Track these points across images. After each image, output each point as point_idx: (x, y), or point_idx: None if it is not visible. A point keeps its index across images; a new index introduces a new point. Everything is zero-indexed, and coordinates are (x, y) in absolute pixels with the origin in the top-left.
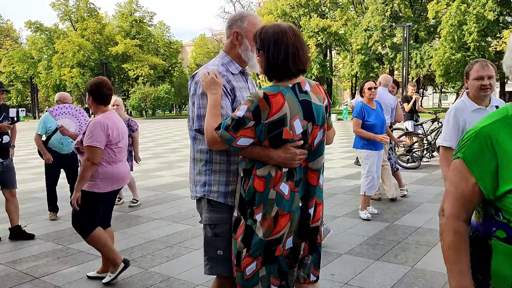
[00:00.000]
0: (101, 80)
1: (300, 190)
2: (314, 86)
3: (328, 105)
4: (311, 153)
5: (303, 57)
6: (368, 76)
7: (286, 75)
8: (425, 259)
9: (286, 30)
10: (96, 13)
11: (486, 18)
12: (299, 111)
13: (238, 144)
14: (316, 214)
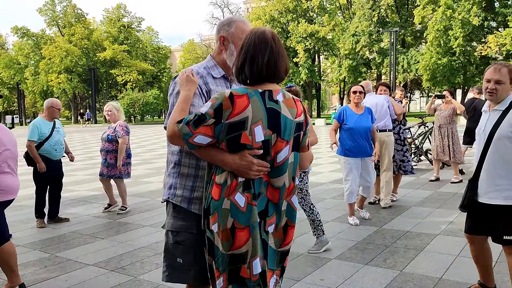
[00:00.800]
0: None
1: (259, 204)
2: (290, 99)
3: (305, 124)
4: (274, 169)
5: (280, 66)
6: (356, 81)
7: (258, 80)
8: (414, 263)
9: (268, 36)
10: (83, 18)
11: (471, 23)
12: (263, 118)
13: (195, 141)
14: (287, 238)
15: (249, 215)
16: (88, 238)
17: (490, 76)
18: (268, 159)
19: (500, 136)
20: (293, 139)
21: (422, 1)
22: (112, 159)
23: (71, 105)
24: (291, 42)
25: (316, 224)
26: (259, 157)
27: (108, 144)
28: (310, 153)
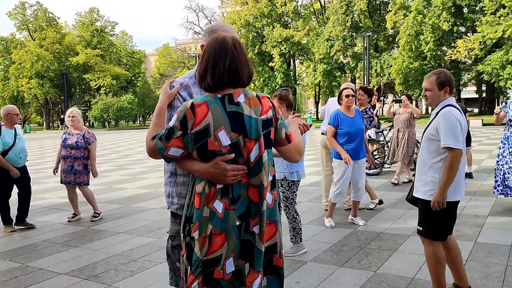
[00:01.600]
0: None
1: (238, 207)
2: (253, 98)
3: (274, 120)
4: (251, 169)
5: (242, 72)
6: (331, 85)
7: (220, 86)
8: (387, 264)
9: (229, 42)
10: (55, 22)
11: (441, 28)
12: (225, 122)
13: (170, 154)
14: (267, 234)
15: (226, 220)
16: (61, 247)
17: (423, 84)
18: (242, 160)
19: (425, 137)
20: (263, 137)
21: (394, 7)
22: (80, 166)
23: (42, 110)
24: (267, 47)
25: (296, 232)
26: (233, 161)
27: (76, 151)
28: (295, 145)
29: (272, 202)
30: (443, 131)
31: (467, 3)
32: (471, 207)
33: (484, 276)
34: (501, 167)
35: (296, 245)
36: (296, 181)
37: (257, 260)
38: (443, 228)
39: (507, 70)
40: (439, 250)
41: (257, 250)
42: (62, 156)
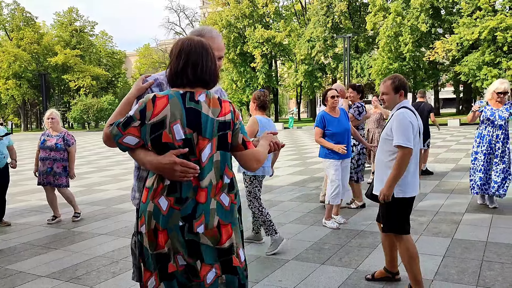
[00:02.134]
0: None
1: (184, 209)
2: (213, 99)
3: (232, 123)
4: (202, 170)
5: (205, 70)
6: (312, 86)
7: (181, 83)
8: (367, 261)
9: (193, 43)
10: (33, 22)
11: (419, 30)
12: (182, 117)
13: (124, 141)
14: (222, 236)
15: (169, 218)
16: (41, 249)
17: (380, 89)
18: (193, 159)
19: (381, 138)
20: (217, 138)
21: (374, 8)
22: (60, 168)
23: (20, 112)
24: (248, 48)
25: (267, 225)
26: (185, 158)
27: (55, 152)
28: (252, 153)
29: (228, 204)
30: (396, 131)
31: (444, 5)
32: (448, 205)
33: (460, 271)
34: (477, 168)
35: (273, 240)
36: (258, 176)
37: (206, 255)
38: (405, 221)
39: (483, 71)
40: (410, 245)
41: (204, 246)
42: (41, 158)
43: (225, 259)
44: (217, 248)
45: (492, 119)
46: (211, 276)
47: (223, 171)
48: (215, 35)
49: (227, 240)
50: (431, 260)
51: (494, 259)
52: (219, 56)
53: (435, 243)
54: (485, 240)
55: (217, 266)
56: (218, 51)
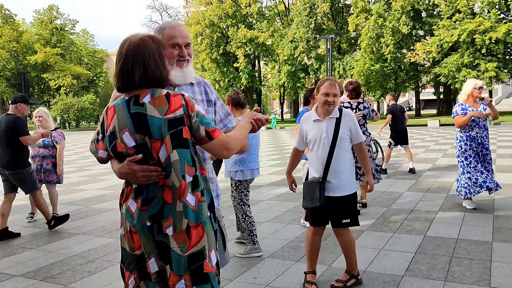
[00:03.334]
0: None
1: (150, 208)
2: (159, 97)
3: (186, 118)
4: (164, 169)
5: (154, 72)
6: (295, 86)
7: (127, 87)
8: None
9: (141, 44)
10: (12, 19)
11: (401, 32)
12: (128, 124)
13: (99, 155)
14: (192, 239)
15: (138, 220)
16: (16, 249)
17: (329, 90)
18: (152, 162)
19: (341, 139)
20: (169, 137)
21: (356, 10)
22: (49, 165)
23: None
24: (231, 48)
25: (247, 233)
26: (144, 162)
27: (44, 150)
28: (221, 142)
29: (195, 204)
30: (356, 130)
31: (425, 7)
32: (423, 203)
33: (430, 267)
34: (468, 170)
35: (249, 248)
36: (243, 180)
37: (175, 264)
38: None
39: (462, 73)
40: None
41: (174, 252)
42: (31, 156)
43: (196, 266)
44: (187, 256)
45: (477, 120)
46: (180, 287)
47: (184, 170)
48: (175, 24)
49: (198, 242)
50: (403, 257)
51: (463, 255)
52: (184, 43)
53: (407, 241)
54: (456, 237)
55: (186, 277)
56: (182, 38)
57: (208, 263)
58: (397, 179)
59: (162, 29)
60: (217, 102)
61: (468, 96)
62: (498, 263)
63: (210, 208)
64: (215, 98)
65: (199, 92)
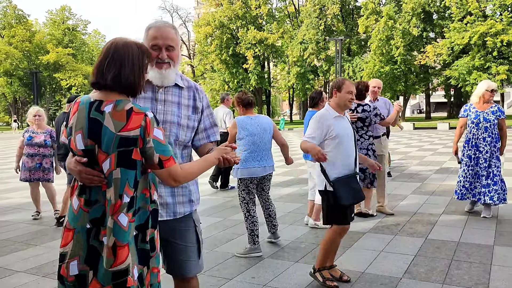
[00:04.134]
0: None
1: (93, 211)
2: (121, 111)
3: (141, 140)
4: (106, 179)
5: (126, 74)
6: (304, 88)
7: (99, 84)
8: (341, 259)
9: (122, 45)
10: (25, 20)
11: (411, 34)
12: (84, 127)
13: (62, 140)
14: (117, 258)
15: (77, 218)
16: (21, 245)
17: (352, 89)
18: (97, 169)
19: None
20: (116, 154)
21: (366, 12)
22: (48, 163)
23: (11, 110)
24: (241, 49)
25: (249, 232)
26: (90, 166)
27: (44, 149)
28: (170, 173)
29: (126, 225)
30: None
31: (436, 9)
32: (427, 206)
33: (429, 270)
34: (463, 172)
35: (248, 248)
36: (242, 178)
37: (100, 270)
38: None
39: (473, 76)
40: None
41: (101, 263)
42: (29, 154)
43: (119, 281)
44: (110, 271)
45: (476, 121)
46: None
47: (122, 190)
48: (161, 25)
49: (123, 262)
50: (402, 259)
51: (463, 259)
52: (165, 45)
53: (408, 243)
54: (457, 241)
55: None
56: (163, 40)
57: (131, 278)
58: (402, 182)
59: (147, 29)
60: (205, 110)
61: (479, 98)
62: (498, 267)
63: (141, 228)
64: (204, 106)
65: (187, 97)
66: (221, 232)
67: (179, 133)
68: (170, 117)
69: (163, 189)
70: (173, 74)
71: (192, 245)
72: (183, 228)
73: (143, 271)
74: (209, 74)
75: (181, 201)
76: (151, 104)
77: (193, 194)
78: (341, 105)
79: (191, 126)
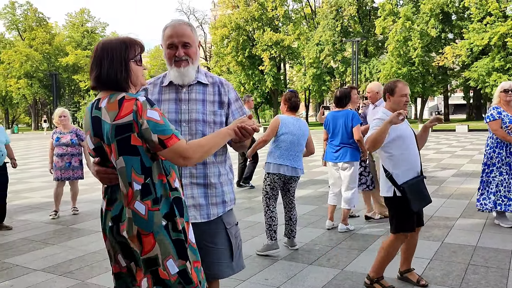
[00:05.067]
0: None
1: (113, 210)
2: (114, 102)
3: (136, 124)
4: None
5: (105, 71)
6: (320, 89)
7: (94, 87)
8: (355, 262)
9: (101, 45)
10: (45, 22)
11: (429, 35)
12: (89, 127)
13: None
14: (144, 246)
15: (105, 219)
16: (39, 244)
17: (407, 91)
18: (110, 165)
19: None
20: (116, 143)
21: (383, 13)
22: (77, 162)
23: (31, 111)
24: (257, 50)
25: (266, 227)
26: (103, 165)
27: (71, 148)
28: (175, 150)
29: (145, 213)
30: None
31: (455, 10)
32: (443, 209)
33: (445, 274)
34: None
35: (266, 243)
36: (270, 173)
37: (138, 259)
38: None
39: (492, 77)
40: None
41: (136, 252)
42: (59, 154)
43: (153, 269)
44: (143, 258)
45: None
46: (144, 284)
47: (130, 178)
48: (175, 23)
49: (151, 251)
50: (418, 263)
51: (481, 263)
52: (181, 42)
53: (424, 247)
54: (475, 245)
55: (148, 276)
56: (178, 38)
57: (164, 271)
58: None
59: (164, 29)
60: (233, 103)
61: (498, 100)
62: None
63: (169, 217)
64: (231, 99)
65: (212, 93)
66: None
67: (205, 130)
68: (194, 115)
69: (195, 190)
70: (193, 71)
71: (222, 247)
72: (213, 231)
73: (186, 267)
74: (225, 75)
75: (215, 202)
76: (175, 105)
77: (226, 195)
78: (397, 109)
79: (218, 121)
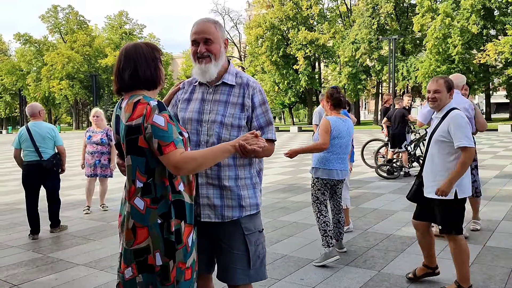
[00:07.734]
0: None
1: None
2: (130, 104)
3: (143, 127)
4: None
5: (142, 70)
6: (356, 88)
7: (122, 88)
8: (392, 264)
9: (131, 47)
10: (85, 25)
11: (470, 31)
12: (113, 125)
13: None
14: (137, 237)
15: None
16: (81, 240)
17: (429, 87)
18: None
19: (435, 140)
20: (125, 143)
21: (421, 9)
22: (106, 160)
23: (72, 111)
24: (291, 50)
25: (321, 234)
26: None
27: (101, 147)
28: (166, 158)
29: (143, 208)
30: (456, 132)
31: (497, 5)
32: (486, 211)
33: (487, 278)
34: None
35: (323, 253)
36: (320, 178)
37: (123, 255)
38: (461, 222)
39: None
40: (465, 244)
41: (123, 246)
42: (89, 152)
43: (141, 259)
44: (132, 250)
45: None
46: (127, 273)
47: (134, 176)
48: (200, 21)
49: (142, 241)
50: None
51: None
52: (202, 39)
53: None
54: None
55: (133, 266)
56: (200, 34)
57: (153, 258)
58: None
59: (191, 28)
60: (257, 108)
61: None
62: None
63: (165, 217)
64: (256, 103)
65: (237, 95)
66: (270, 232)
67: (221, 132)
68: (214, 116)
69: (211, 190)
70: (214, 68)
71: (238, 252)
72: (230, 233)
73: (169, 265)
74: (259, 75)
75: (230, 205)
76: (199, 105)
77: (244, 199)
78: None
79: (236, 124)
